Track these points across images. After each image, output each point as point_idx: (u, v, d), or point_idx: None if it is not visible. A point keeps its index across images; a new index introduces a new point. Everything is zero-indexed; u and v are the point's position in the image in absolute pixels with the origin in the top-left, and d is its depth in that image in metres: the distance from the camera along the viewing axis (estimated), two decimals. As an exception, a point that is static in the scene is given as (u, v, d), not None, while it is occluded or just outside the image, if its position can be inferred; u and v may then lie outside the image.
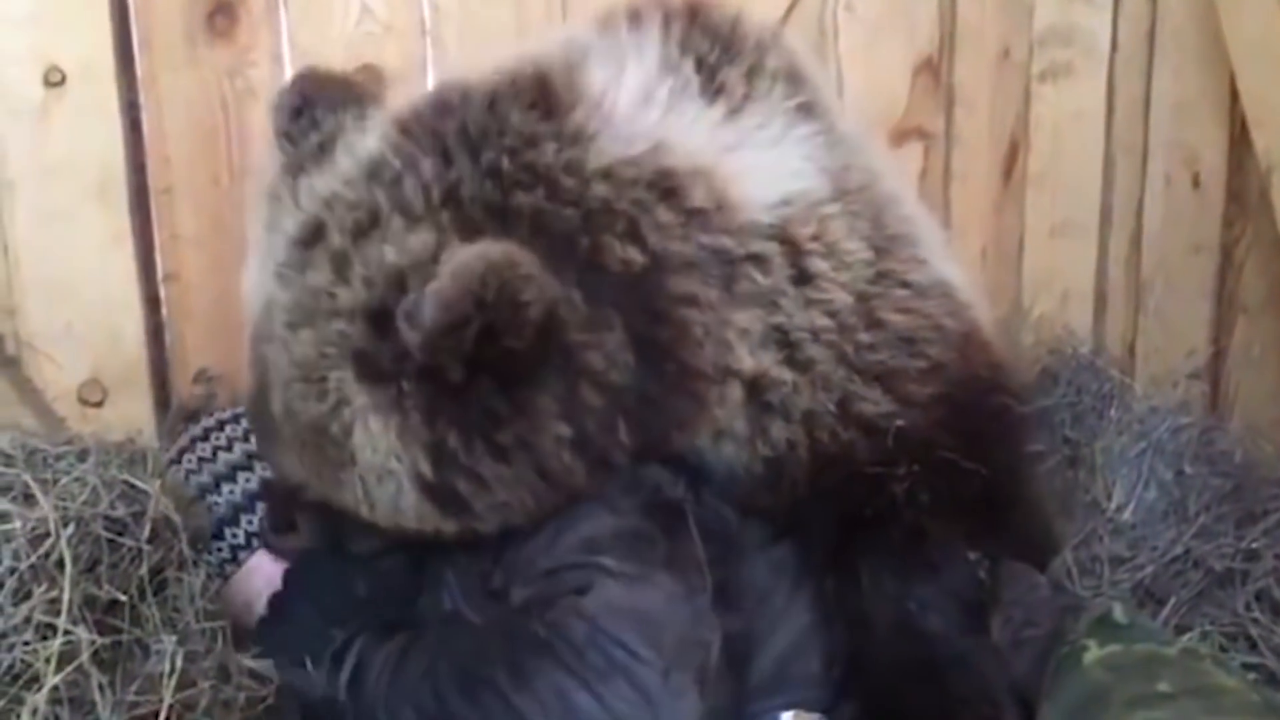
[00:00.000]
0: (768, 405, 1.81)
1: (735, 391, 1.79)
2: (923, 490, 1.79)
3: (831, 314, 1.80)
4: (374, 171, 1.72)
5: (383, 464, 1.69)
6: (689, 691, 1.58)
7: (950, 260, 2.01)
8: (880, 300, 1.84)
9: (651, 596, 1.65)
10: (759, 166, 1.81)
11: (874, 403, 1.82)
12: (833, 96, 2.05)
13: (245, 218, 1.93)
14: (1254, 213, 2.68)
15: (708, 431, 1.82)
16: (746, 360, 1.77)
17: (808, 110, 1.89)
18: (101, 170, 2.26)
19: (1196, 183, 2.72)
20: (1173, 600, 2.18)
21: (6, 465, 1.75)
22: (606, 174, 1.72)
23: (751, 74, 1.86)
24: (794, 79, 1.90)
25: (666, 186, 1.74)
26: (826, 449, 1.82)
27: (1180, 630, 2.11)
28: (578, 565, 1.70)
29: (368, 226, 1.68)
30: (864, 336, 1.82)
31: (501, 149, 1.70)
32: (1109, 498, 2.36)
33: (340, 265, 1.67)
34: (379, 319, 1.63)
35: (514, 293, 1.53)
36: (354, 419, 1.68)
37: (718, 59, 1.86)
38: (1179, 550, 2.24)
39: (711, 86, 1.84)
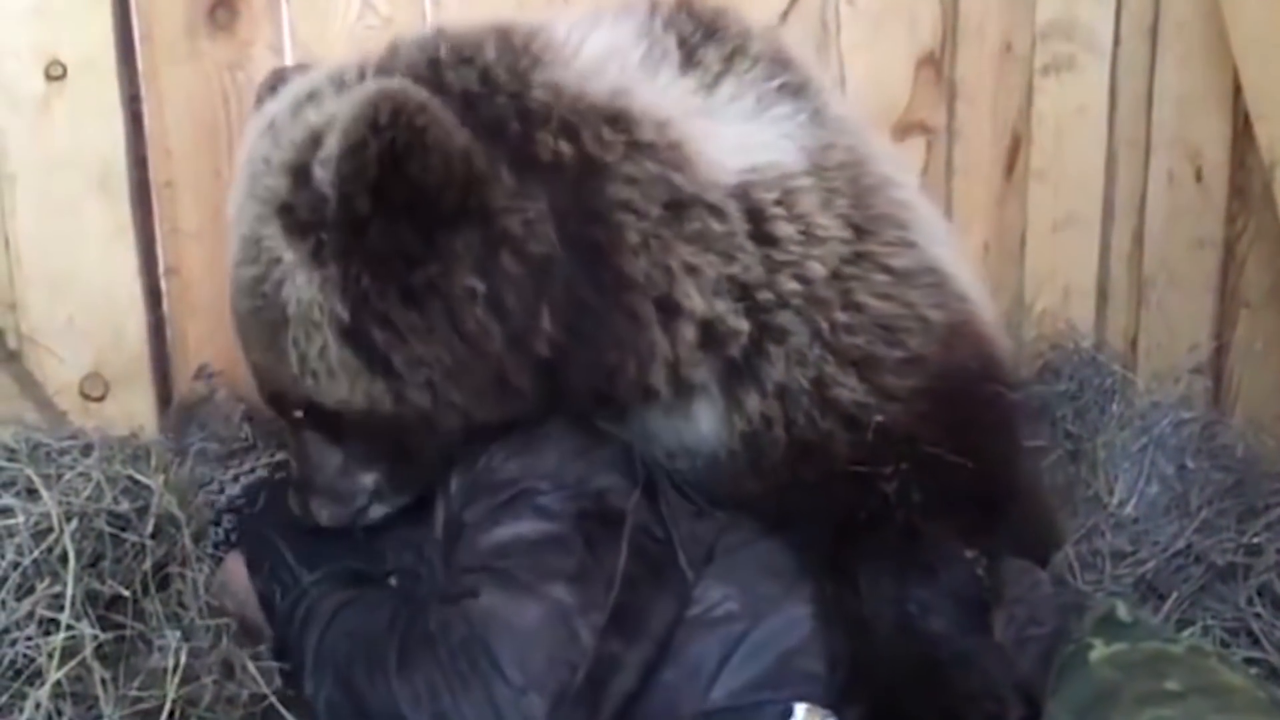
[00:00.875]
0: (734, 365, 1.79)
1: (687, 330, 1.77)
2: (914, 489, 1.78)
3: (802, 280, 1.79)
4: (331, 72, 1.82)
5: (307, 315, 1.73)
6: (539, 714, 1.61)
7: (950, 248, 1.99)
8: (858, 283, 1.82)
9: (532, 612, 1.67)
10: (726, 134, 1.80)
11: (850, 389, 1.80)
12: (828, 84, 2.03)
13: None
14: (1257, 207, 2.67)
15: (662, 364, 1.78)
16: (696, 299, 1.76)
17: (794, 91, 1.88)
18: (102, 164, 2.26)
19: (1199, 177, 2.72)
20: (1174, 595, 2.18)
21: (10, 460, 1.75)
22: (549, 86, 1.75)
23: (733, 55, 1.86)
24: (779, 63, 1.89)
25: (614, 114, 1.75)
26: (804, 434, 1.81)
27: (1182, 625, 2.12)
28: (483, 568, 1.72)
29: (305, 101, 1.78)
30: (840, 316, 1.80)
31: (446, 48, 1.77)
32: (1111, 493, 2.36)
33: (277, 135, 1.77)
34: (298, 172, 1.70)
35: (409, 117, 1.60)
36: (284, 276, 1.74)
37: (700, 39, 1.86)
38: (1181, 545, 2.24)
39: (690, 61, 1.84)
